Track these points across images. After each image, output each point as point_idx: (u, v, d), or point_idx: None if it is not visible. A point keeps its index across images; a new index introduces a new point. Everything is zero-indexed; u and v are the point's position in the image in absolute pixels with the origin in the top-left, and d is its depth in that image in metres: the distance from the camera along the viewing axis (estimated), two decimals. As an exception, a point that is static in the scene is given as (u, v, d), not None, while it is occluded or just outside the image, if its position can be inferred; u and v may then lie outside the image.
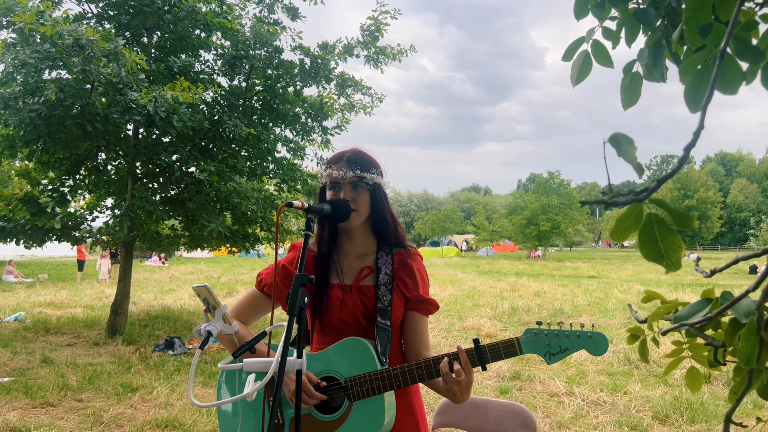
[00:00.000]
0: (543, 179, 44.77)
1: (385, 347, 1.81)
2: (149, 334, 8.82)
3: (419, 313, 1.90)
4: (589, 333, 1.70)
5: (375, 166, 1.89)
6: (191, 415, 5.01)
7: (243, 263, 32.24)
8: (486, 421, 2.78)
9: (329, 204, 1.78)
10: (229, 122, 8.00)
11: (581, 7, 2.40)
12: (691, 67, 1.04)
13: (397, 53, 8.97)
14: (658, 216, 0.77)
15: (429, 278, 1.99)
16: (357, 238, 1.95)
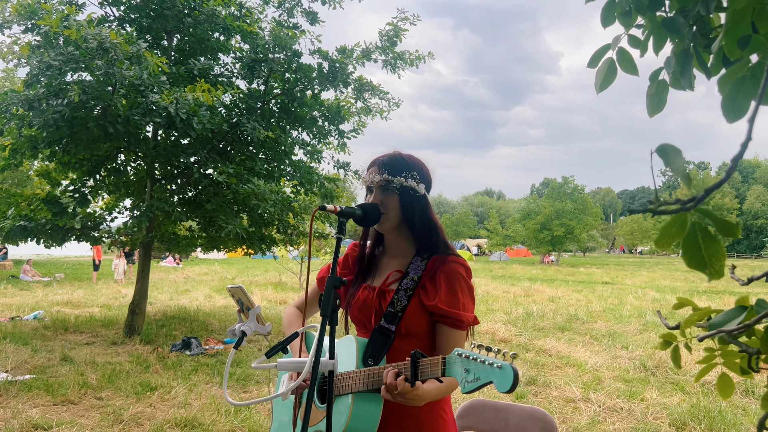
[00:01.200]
0: (557, 184, 44.56)
1: (379, 350, 1.78)
2: (166, 334, 8.90)
3: (446, 326, 1.81)
4: (499, 363, 1.42)
5: (409, 169, 1.88)
6: (210, 415, 5.07)
7: (257, 265, 32.40)
8: (506, 425, 2.79)
9: (360, 207, 1.82)
10: (248, 125, 8.07)
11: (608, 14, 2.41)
12: (730, 78, 1.06)
13: (415, 59, 9.01)
14: (702, 225, 0.80)
15: (472, 291, 1.87)
16: (394, 241, 1.96)
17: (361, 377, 1.71)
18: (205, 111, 7.39)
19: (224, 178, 7.80)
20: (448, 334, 1.81)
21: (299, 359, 1.68)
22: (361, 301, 1.90)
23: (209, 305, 12.78)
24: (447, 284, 1.82)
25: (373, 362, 1.76)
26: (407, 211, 1.88)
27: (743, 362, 1.25)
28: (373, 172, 1.88)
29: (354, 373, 1.73)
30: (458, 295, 1.82)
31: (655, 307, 14.13)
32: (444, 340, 1.82)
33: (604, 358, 7.94)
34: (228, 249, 10.30)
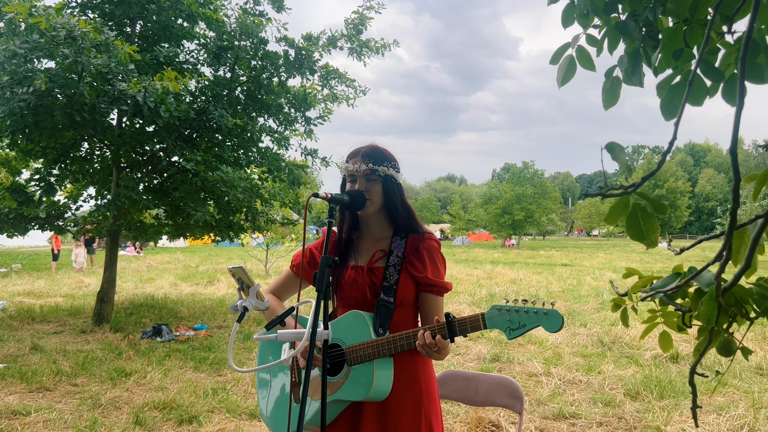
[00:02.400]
0: (517, 169, 45.38)
1: (385, 320, 2.03)
2: (136, 322, 8.93)
3: (431, 294, 2.08)
4: (546, 310, 1.77)
5: (388, 159, 2.10)
6: (188, 397, 5.20)
7: (220, 252, 32.20)
8: (477, 392, 3.03)
9: (347, 194, 2.01)
10: (215, 112, 8.12)
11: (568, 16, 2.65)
12: (666, 83, 1.28)
13: (380, 47, 9.15)
14: (640, 205, 1.01)
15: (445, 262, 2.15)
16: (374, 224, 2.17)
17: (384, 344, 1.95)
18: (171, 99, 7.41)
19: (192, 165, 7.85)
20: (434, 300, 2.10)
21: (298, 330, 1.86)
22: (351, 279, 2.10)
23: (176, 293, 12.78)
24: (429, 258, 2.10)
25: (383, 331, 2.01)
26: (389, 198, 2.09)
27: (679, 321, 1.49)
28: (357, 162, 2.07)
29: (374, 342, 1.97)
30: (439, 266, 2.12)
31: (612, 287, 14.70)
32: (431, 306, 2.11)
33: (564, 336, 8.33)
34: (195, 237, 10.33)
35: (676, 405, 5.19)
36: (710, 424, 4.69)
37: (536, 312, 1.78)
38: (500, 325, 1.82)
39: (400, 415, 2.04)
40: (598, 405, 5.26)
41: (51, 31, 6.06)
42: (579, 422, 4.85)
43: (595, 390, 5.72)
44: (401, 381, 2.05)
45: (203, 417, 4.81)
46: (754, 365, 6.53)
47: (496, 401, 3.01)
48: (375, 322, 2.03)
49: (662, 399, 5.41)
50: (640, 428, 4.68)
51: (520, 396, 2.97)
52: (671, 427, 4.63)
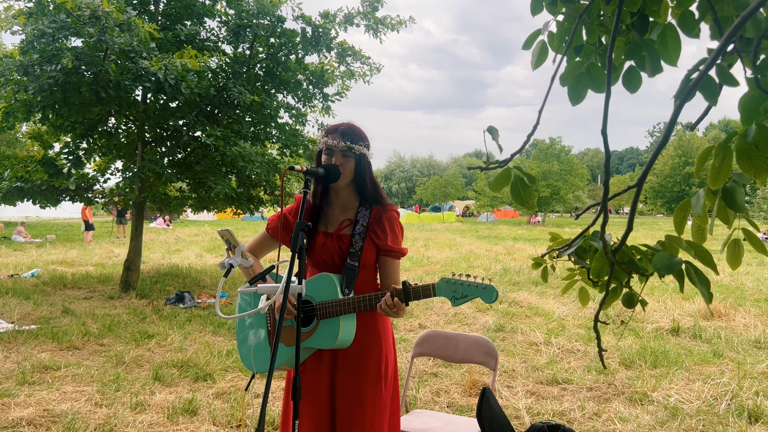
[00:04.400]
0: (544, 145, 45.00)
1: (350, 282, 2.33)
2: (160, 289, 9.40)
3: (390, 258, 2.40)
4: (484, 285, 2.09)
5: (363, 139, 2.37)
6: (204, 357, 5.59)
7: (246, 226, 32.85)
8: (456, 350, 3.31)
9: (323, 168, 2.27)
10: (234, 89, 8.41)
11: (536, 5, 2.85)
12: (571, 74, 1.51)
13: (396, 24, 9.31)
14: (520, 177, 1.26)
15: (403, 230, 2.47)
16: (343, 195, 2.44)
17: (350, 303, 2.27)
18: (192, 76, 7.72)
19: (212, 140, 8.18)
20: (391, 263, 2.43)
21: (275, 284, 2.15)
22: (321, 244, 2.39)
23: (200, 264, 13.27)
24: (390, 228, 2.40)
25: (348, 291, 2.31)
26: (360, 173, 2.36)
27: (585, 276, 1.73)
28: (336, 138, 2.33)
29: (341, 301, 2.28)
30: (397, 234, 2.43)
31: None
32: (389, 267, 2.43)
33: (571, 309, 8.54)
34: (217, 209, 10.72)
35: (666, 373, 5.40)
36: (695, 390, 4.90)
37: (477, 286, 2.08)
38: (447, 294, 2.12)
39: (359, 357, 2.36)
40: (592, 372, 5.50)
41: (77, 11, 6.39)
42: (570, 387, 5.10)
43: (591, 359, 5.95)
44: (361, 331, 2.35)
45: (217, 375, 5.18)
46: (753, 339, 6.68)
47: (473, 358, 3.28)
48: (342, 283, 2.33)
49: (655, 368, 5.62)
50: (627, 393, 4.91)
51: (495, 354, 3.24)
52: (658, 393, 4.86)
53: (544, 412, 4.46)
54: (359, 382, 2.34)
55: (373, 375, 2.35)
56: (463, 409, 4.54)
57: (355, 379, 2.34)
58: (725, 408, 4.53)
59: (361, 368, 2.34)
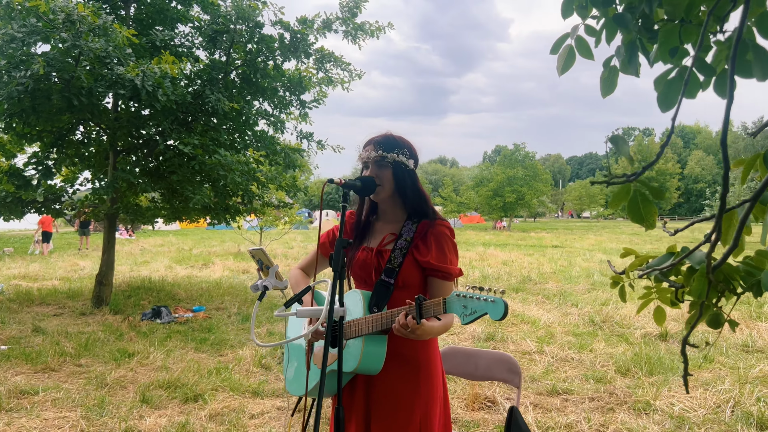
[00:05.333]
0: (509, 151, 45.52)
1: (381, 300, 2.12)
2: (134, 304, 9.04)
3: (436, 278, 2.16)
4: (493, 299, 1.81)
5: (400, 146, 2.20)
6: (192, 376, 5.33)
7: (212, 235, 32.23)
8: (477, 367, 3.18)
9: (359, 180, 2.12)
10: (211, 96, 8.16)
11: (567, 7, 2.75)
12: (663, 78, 1.40)
13: (375, 30, 9.19)
14: (641, 191, 1.13)
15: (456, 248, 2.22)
16: (388, 209, 2.28)
17: (370, 322, 2.05)
18: (167, 82, 7.44)
19: (189, 149, 7.91)
20: (439, 284, 2.18)
21: (315, 307, 1.98)
22: (361, 260, 2.22)
23: (172, 276, 12.87)
24: (436, 244, 2.18)
25: (378, 310, 2.11)
26: (400, 183, 2.20)
27: (672, 296, 1.62)
28: (369, 150, 2.18)
29: (363, 320, 2.07)
30: (446, 252, 2.19)
31: (602, 268, 14.94)
32: (436, 289, 2.18)
33: (556, 315, 8.52)
34: (191, 220, 10.40)
35: (665, 381, 5.38)
36: (697, 398, 4.88)
37: (485, 300, 1.82)
38: (457, 311, 1.88)
39: (394, 392, 2.14)
40: (590, 381, 5.44)
41: (49, 15, 6.07)
42: (572, 398, 5.02)
43: (586, 367, 5.90)
44: (397, 360, 2.14)
45: (208, 395, 4.94)
46: (740, 342, 6.75)
47: (495, 376, 3.15)
48: (371, 301, 2.13)
49: (651, 375, 5.59)
50: (630, 403, 4.86)
51: (518, 371, 3.12)
52: (660, 402, 4.82)
53: (553, 426, 4.36)
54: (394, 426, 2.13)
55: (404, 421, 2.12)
56: (469, 426, 4.41)
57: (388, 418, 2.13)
58: (730, 415, 4.52)
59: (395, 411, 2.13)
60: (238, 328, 7.72)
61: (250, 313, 8.57)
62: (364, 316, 2.09)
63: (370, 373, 2.09)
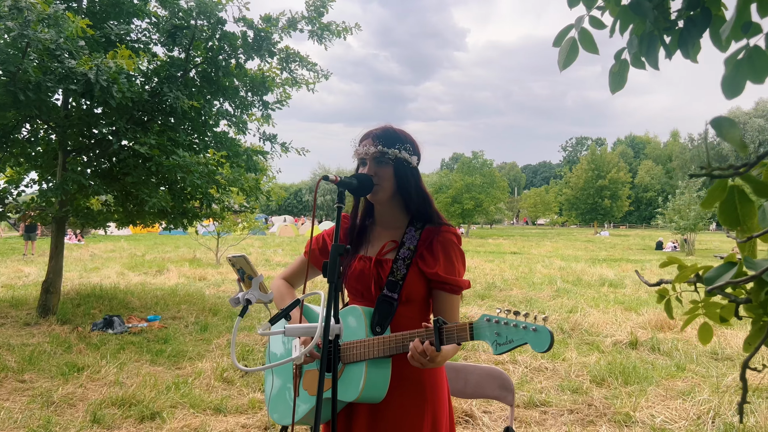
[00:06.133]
0: (467, 159, 45.85)
1: (384, 318, 1.86)
2: (84, 313, 8.51)
3: (443, 292, 1.91)
4: (535, 326, 1.56)
5: (402, 141, 1.94)
6: (148, 392, 4.95)
7: (166, 241, 31.27)
8: (466, 384, 2.95)
9: (356, 178, 1.86)
10: (170, 94, 7.75)
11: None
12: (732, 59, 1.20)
13: (342, 30, 8.94)
14: (739, 188, 0.92)
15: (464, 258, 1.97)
16: (387, 212, 2.01)
17: (376, 345, 1.79)
18: (124, 78, 7.02)
19: (146, 149, 7.48)
20: (446, 299, 1.92)
21: (307, 324, 1.71)
22: (358, 271, 1.96)
23: (125, 283, 12.28)
24: (444, 253, 1.93)
25: (381, 330, 1.84)
26: (402, 182, 1.94)
27: (723, 312, 1.42)
28: (367, 144, 1.93)
29: (367, 342, 1.80)
30: (454, 262, 1.94)
31: (564, 275, 15.00)
32: (443, 304, 1.92)
33: (524, 323, 8.39)
34: (146, 224, 9.91)
35: (641, 391, 5.27)
36: (677, 409, 4.78)
37: (525, 327, 1.57)
38: (487, 338, 1.63)
39: (398, 423, 1.88)
40: (567, 392, 5.29)
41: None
42: (550, 410, 4.86)
43: (561, 377, 5.76)
44: (402, 385, 1.89)
45: (166, 413, 4.58)
46: (709, 350, 6.73)
47: (487, 393, 2.93)
48: (373, 319, 1.87)
49: (627, 385, 5.49)
50: (610, 415, 4.72)
51: (511, 387, 2.91)
52: (640, 413, 4.70)
53: (536, 441, 4.18)
54: None
55: None
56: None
57: None
58: (712, 427, 4.42)
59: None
60: (196, 338, 7.32)
61: (209, 323, 8.17)
62: (368, 337, 1.83)
63: (373, 402, 1.83)
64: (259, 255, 21.51)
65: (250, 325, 7.97)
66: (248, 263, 1.69)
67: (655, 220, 39.62)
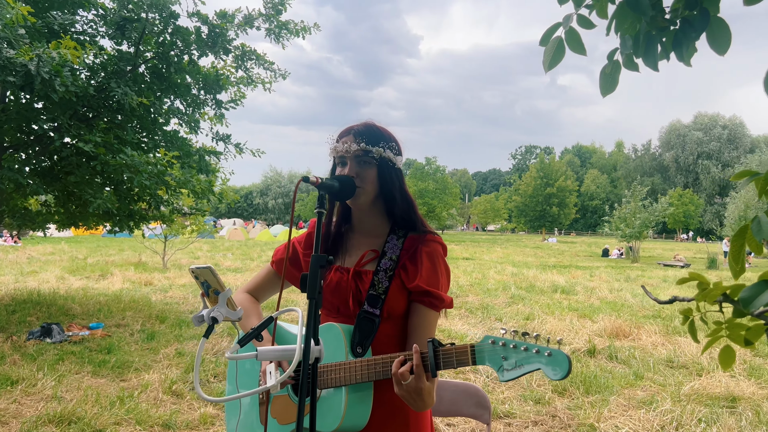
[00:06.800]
0: (420, 165, 46.07)
1: (366, 337, 1.68)
2: (19, 321, 7.96)
3: (423, 306, 1.72)
4: (549, 350, 1.40)
5: (386, 139, 1.77)
6: (90, 408, 4.59)
7: (109, 243, 30.13)
8: (440, 401, 2.78)
9: (337, 180, 1.67)
10: (118, 90, 7.35)
11: (563, -8, 2.43)
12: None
13: (300, 30, 8.71)
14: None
15: (448, 271, 1.81)
16: (367, 218, 1.83)
17: (359, 368, 1.60)
18: (67, 71, 6.60)
19: (90, 147, 7.06)
20: (424, 314, 1.74)
21: (282, 347, 1.50)
22: (334, 283, 1.76)
23: (65, 288, 11.64)
24: (429, 263, 1.75)
25: (362, 350, 1.66)
26: (385, 185, 1.77)
27: (749, 334, 1.29)
28: (348, 142, 1.74)
29: (348, 365, 1.61)
30: (438, 275, 1.77)
31: (517, 281, 15.09)
32: (420, 321, 1.74)
33: (482, 330, 8.33)
34: (89, 226, 9.41)
35: (603, 400, 5.23)
36: (640, 419, 4.75)
37: (537, 351, 1.40)
38: (492, 362, 1.45)
39: None
40: (529, 403, 5.20)
41: None
42: (515, 422, 4.75)
43: (523, 387, 5.67)
44: (383, 410, 1.70)
45: (110, 430, 4.25)
46: (664, 358, 6.79)
47: (462, 411, 2.77)
48: (353, 339, 1.67)
49: (588, 394, 5.45)
50: (574, 426, 4.65)
51: (488, 405, 2.76)
52: (604, 424, 4.64)
53: (503, 456, 4.05)
54: None
55: None
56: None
57: None
58: (675, 437, 4.39)
59: None
60: (142, 347, 6.93)
61: (156, 331, 7.77)
62: (348, 359, 1.63)
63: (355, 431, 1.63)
64: (209, 259, 20.94)
65: (201, 334, 7.61)
66: (215, 276, 1.47)
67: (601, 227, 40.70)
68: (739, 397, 5.28)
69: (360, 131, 1.75)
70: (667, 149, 76.56)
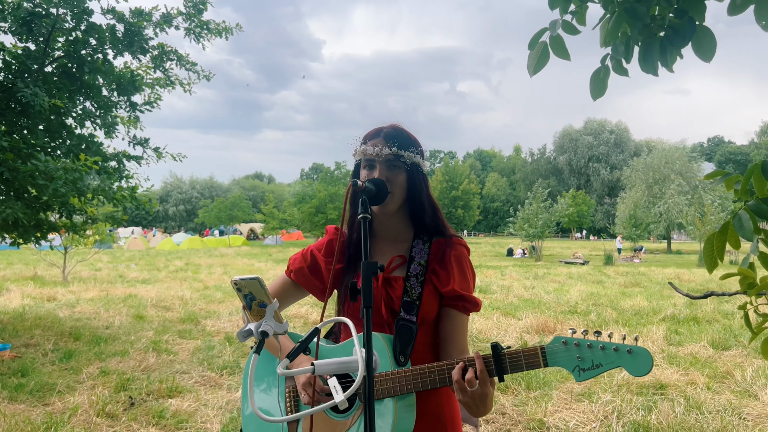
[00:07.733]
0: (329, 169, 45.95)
1: (406, 345, 1.65)
2: None
3: (456, 311, 1.72)
4: (629, 348, 1.40)
5: (415, 144, 1.75)
6: None
7: None
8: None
9: (372, 183, 1.61)
10: (26, 90, 6.78)
11: (554, 0, 2.50)
12: None
13: (222, 29, 8.43)
14: None
15: (474, 274, 1.81)
16: (392, 223, 1.79)
17: (409, 378, 1.55)
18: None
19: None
20: (458, 319, 1.73)
21: (340, 359, 1.42)
22: None
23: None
24: (457, 267, 1.75)
25: (404, 359, 1.62)
26: (414, 191, 1.74)
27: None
28: (379, 144, 1.69)
29: (395, 375, 1.56)
30: (468, 278, 1.77)
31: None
32: (453, 326, 1.73)
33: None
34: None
35: (545, 395, 5.42)
36: (584, 411, 4.96)
37: (616, 349, 1.41)
38: (566, 363, 1.46)
39: None
40: (477, 401, 5.29)
41: None
42: (467, 421, 4.81)
43: (467, 386, 5.77)
44: (423, 420, 1.67)
45: (44, 461, 3.89)
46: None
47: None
48: (395, 348, 1.63)
49: (530, 390, 5.62)
50: (524, 422, 4.78)
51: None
52: (552, 418, 4.80)
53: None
54: None
55: None
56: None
57: None
58: (618, 426, 4.62)
59: None
60: (61, 368, 6.42)
61: (73, 349, 7.23)
62: (394, 368, 1.58)
63: None
64: (111, 271, 19.80)
65: (123, 350, 7.17)
66: (263, 287, 1.36)
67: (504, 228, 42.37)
68: (666, 384, 5.64)
69: (390, 134, 1.70)
70: (561, 153, 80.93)
